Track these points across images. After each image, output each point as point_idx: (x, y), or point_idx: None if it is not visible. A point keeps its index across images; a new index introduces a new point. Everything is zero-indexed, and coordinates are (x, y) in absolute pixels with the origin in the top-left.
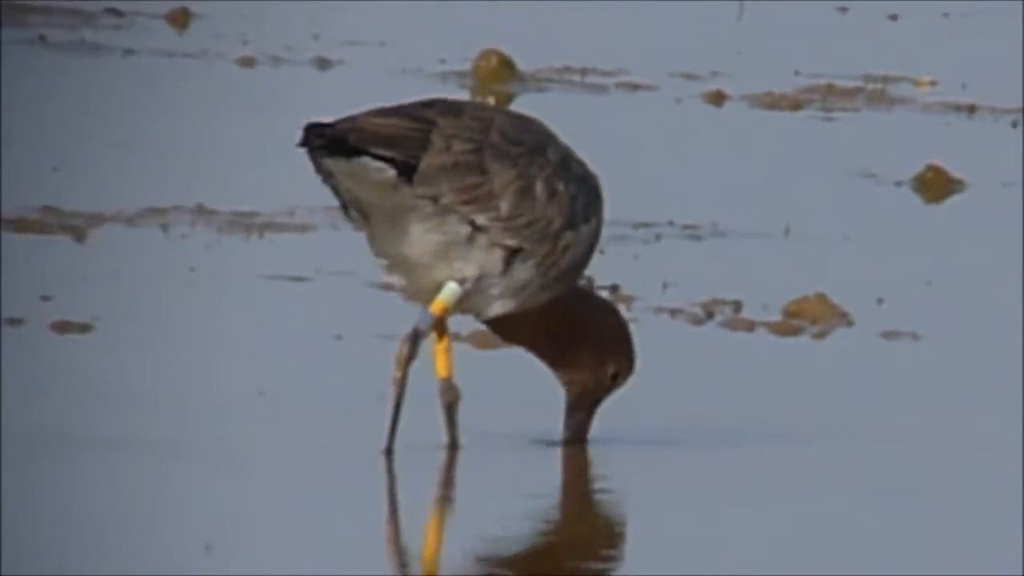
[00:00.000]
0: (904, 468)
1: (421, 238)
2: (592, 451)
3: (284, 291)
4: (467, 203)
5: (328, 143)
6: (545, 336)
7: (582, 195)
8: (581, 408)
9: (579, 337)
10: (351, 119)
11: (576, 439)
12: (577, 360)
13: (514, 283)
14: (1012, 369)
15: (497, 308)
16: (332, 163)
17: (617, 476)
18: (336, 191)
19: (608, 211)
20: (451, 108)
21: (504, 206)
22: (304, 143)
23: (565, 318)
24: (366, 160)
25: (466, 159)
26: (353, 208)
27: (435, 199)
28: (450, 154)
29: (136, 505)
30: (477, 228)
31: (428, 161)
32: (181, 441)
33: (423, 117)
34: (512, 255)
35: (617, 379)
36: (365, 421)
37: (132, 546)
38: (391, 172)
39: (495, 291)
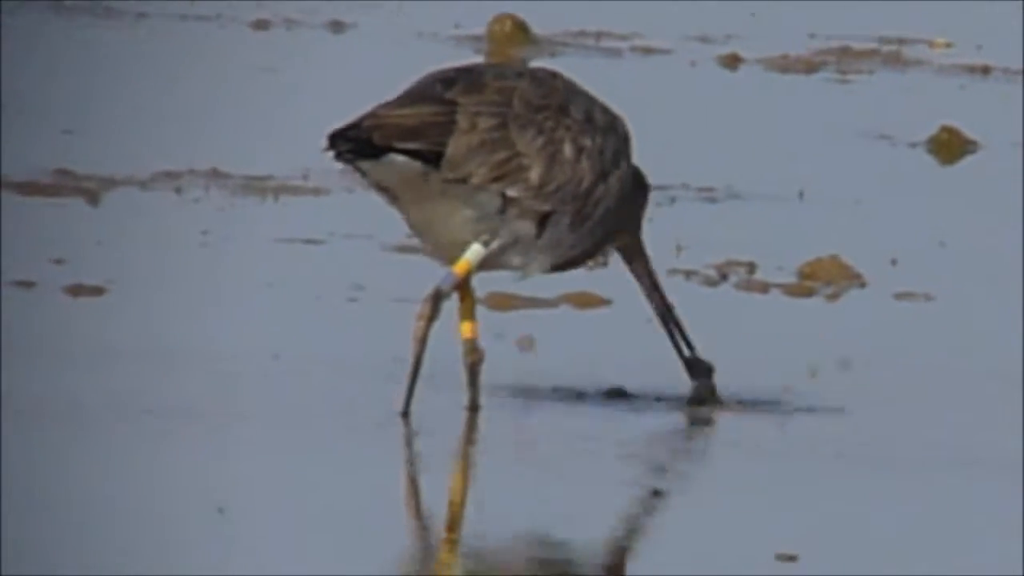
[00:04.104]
0: (916, 431)
1: (453, 215)
2: (609, 411)
3: (298, 254)
4: (498, 179)
5: (354, 147)
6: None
7: (610, 144)
8: (640, 261)
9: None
10: (373, 114)
11: (661, 306)
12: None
13: (549, 243)
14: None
15: (535, 267)
16: (361, 165)
17: (633, 439)
18: (363, 175)
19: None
20: (473, 82)
21: (534, 176)
22: (331, 149)
23: None
24: (393, 156)
25: (492, 136)
26: (383, 193)
27: (465, 180)
28: (476, 133)
29: (149, 468)
30: (508, 200)
31: (455, 145)
32: (195, 404)
33: (446, 99)
34: (545, 218)
35: (644, 202)
36: (381, 383)
37: (145, 510)
38: (418, 164)
39: (532, 252)
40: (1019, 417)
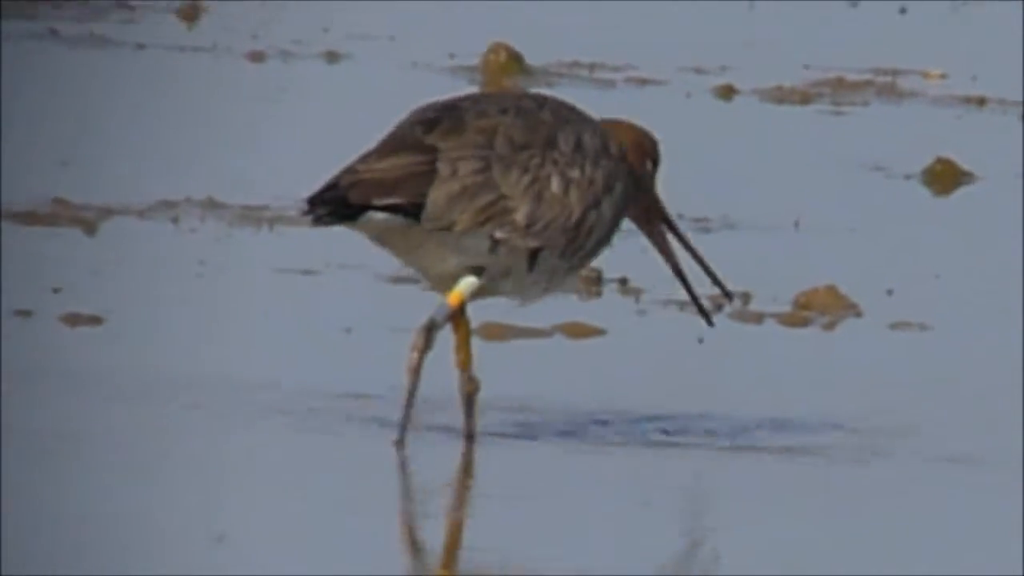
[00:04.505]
0: (912, 458)
1: (443, 260)
2: (595, 444)
3: (294, 284)
4: (483, 223)
5: (332, 209)
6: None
7: (601, 169)
8: (656, 225)
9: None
10: (352, 170)
11: (678, 271)
12: (636, 189)
13: (542, 274)
14: (1019, 361)
15: (532, 295)
16: (342, 227)
17: (628, 472)
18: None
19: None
20: (454, 124)
21: (520, 217)
22: (308, 213)
23: None
24: (371, 214)
25: (474, 180)
26: (372, 240)
27: (449, 228)
28: (457, 179)
29: (145, 498)
30: (497, 241)
31: (436, 194)
32: (191, 432)
33: (425, 146)
34: (536, 252)
35: (656, 164)
36: (375, 413)
37: (143, 539)
38: (399, 218)
39: (526, 282)
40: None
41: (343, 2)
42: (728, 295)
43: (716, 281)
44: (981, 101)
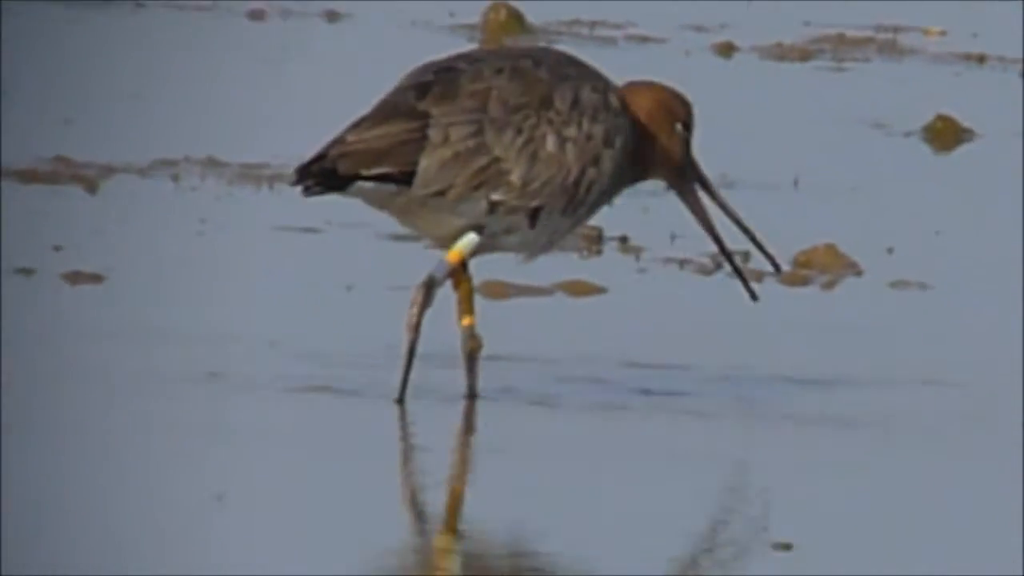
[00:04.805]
0: (914, 417)
1: (441, 223)
2: (601, 404)
3: (295, 242)
4: (478, 187)
5: (320, 180)
6: (631, 164)
7: (600, 124)
8: (689, 187)
9: (638, 137)
10: (341, 140)
11: (724, 211)
12: (654, 151)
13: (546, 231)
14: (1020, 317)
15: (537, 252)
16: (332, 196)
17: (626, 430)
18: None
19: None
20: (447, 88)
21: (515, 178)
22: (297, 183)
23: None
24: (361, 184)
25: (467, 145)
26: (371, 206)
27: (443, 193)
28: (449, 145)
29: (145, 452)
30: (494, 203)
31: (428, 161)
32: (191, 390)
33: (416, 111)
34: (536, 211)
35: (689, 128)
36: (376, 370)
37: (142, 494)
38: (389, 187)
39: (529, 239)
40: (1018, 409)
41: None
42: (776, 267)
43: (762, 249)
44: (981, 58)
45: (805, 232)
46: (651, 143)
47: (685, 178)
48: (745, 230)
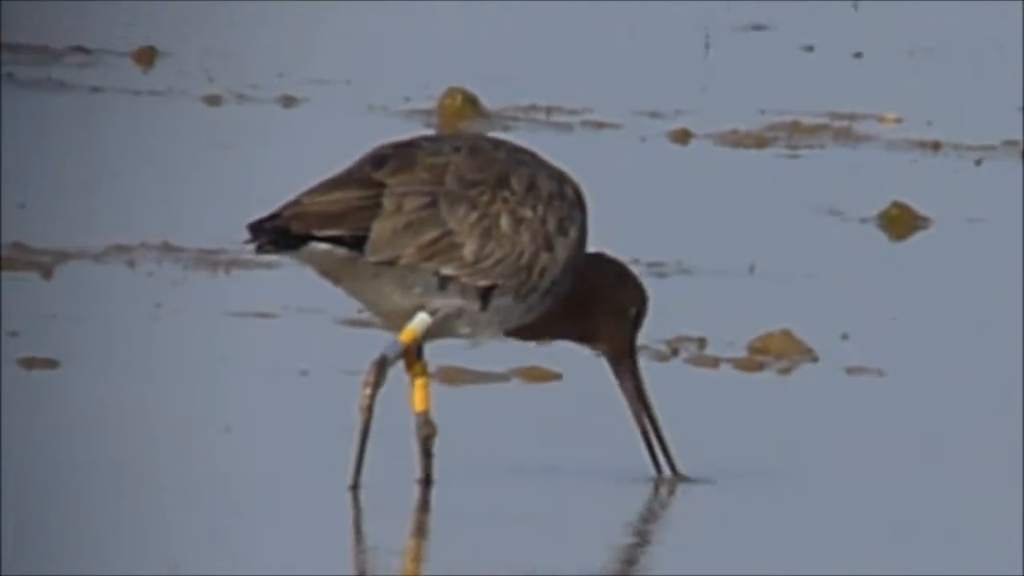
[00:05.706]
0: (868, 503)
1: (391, 294)
2: (565, 484)
3: (250, 327)
4: (429, 259)
5: (273, 238)
6: (565, 321)
7: (555, 211)
8: (625, 366)
9: (593, 303)
10: (296, 201)
11: (642, 403)
12: (602, 324)
13: (497, 314)
14: (975, 403)
15: (487, 335)
16: (283, 256)
17: (587, 509)
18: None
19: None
20: (404, 161)
21: (468, 252)
22: (251, 241)
23: (574, 297)
24: (313, 245)
25: (420, 215)
26: (322, 276)
27: (393, 262)
28: (402, 214)
29: (102, 533)
30: (445, 278)
31: (379, 228)
32: (148, 475)
33: (372, 180)
34: (488, 291)
35: (640, 316)
36: (331, 456)
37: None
38: (341, 250)
39: (480, 322)
40: (974, 486)
41: (299, 47)
42: (674, 470)
43: (664, 451)
44: (936, 145)
45: (761, 318)
46: (602, 315)
47: (623, 360)
48: (655, 431)
